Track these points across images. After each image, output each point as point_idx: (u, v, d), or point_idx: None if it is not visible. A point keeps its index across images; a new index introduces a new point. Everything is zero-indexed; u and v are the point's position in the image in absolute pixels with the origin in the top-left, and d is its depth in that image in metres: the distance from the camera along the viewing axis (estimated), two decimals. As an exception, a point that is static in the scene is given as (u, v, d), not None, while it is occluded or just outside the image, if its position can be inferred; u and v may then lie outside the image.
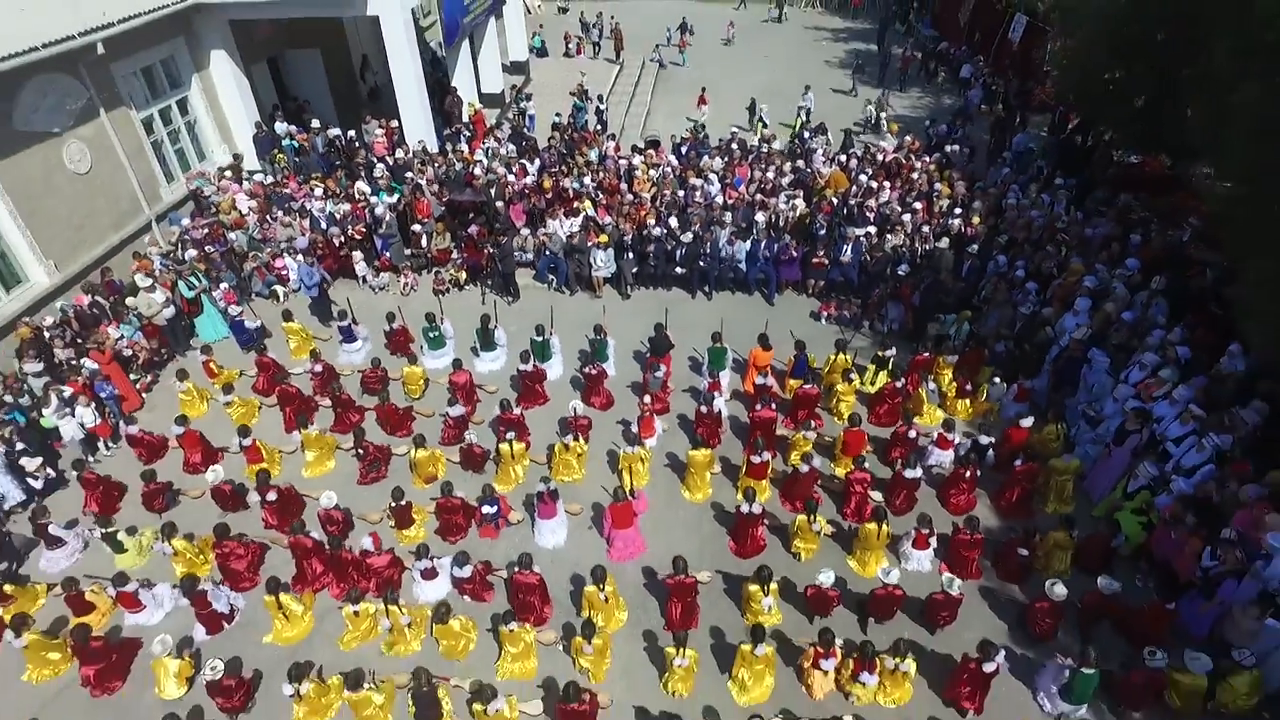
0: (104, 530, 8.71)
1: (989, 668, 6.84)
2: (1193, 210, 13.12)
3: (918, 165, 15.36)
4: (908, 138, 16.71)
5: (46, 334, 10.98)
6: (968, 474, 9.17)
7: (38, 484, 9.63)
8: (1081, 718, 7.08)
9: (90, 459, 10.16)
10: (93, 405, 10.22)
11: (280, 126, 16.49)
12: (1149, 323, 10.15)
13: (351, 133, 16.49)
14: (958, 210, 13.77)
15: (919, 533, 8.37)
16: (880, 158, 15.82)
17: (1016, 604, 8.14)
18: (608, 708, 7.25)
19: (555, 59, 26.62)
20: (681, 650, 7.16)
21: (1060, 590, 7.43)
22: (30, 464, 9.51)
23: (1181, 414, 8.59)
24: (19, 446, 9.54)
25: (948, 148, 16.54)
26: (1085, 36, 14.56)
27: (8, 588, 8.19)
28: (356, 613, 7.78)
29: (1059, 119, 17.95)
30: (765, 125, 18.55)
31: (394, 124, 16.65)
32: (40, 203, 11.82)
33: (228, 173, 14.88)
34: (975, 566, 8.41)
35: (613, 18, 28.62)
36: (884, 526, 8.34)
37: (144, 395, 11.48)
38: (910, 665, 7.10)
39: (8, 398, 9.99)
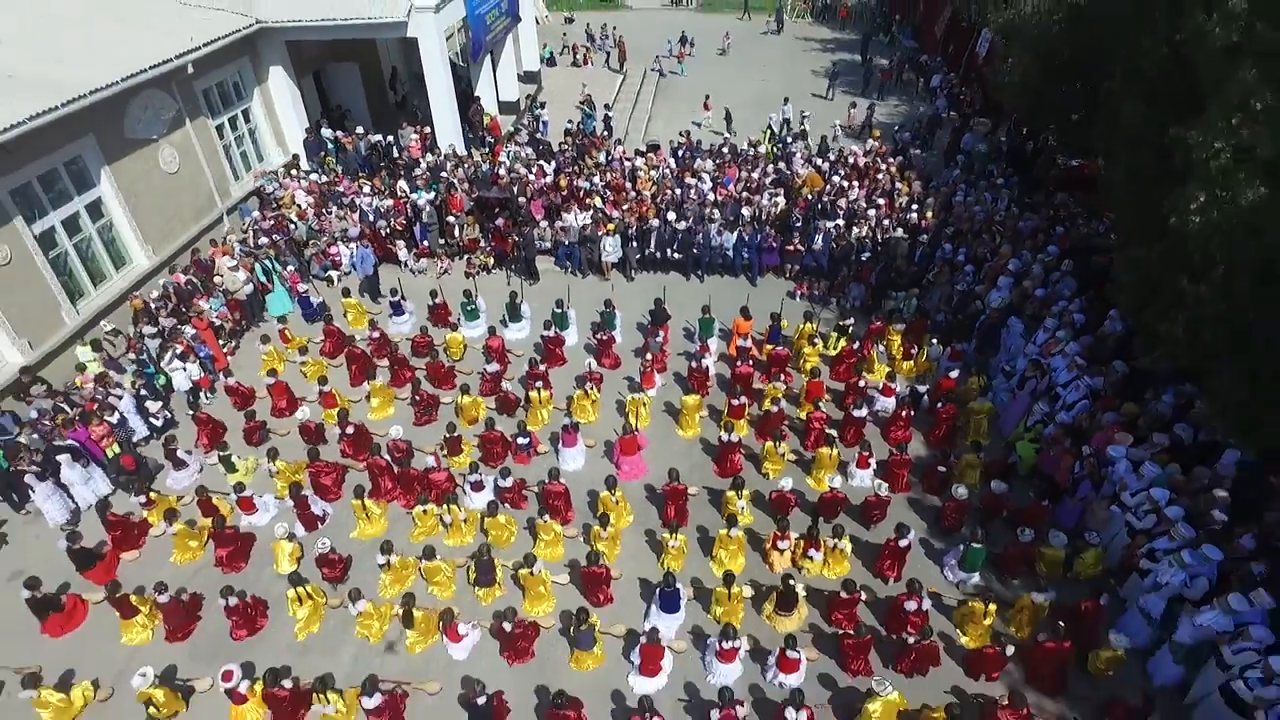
0: (220, 454, 11.05)
1: (904, 543, 9.19)
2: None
3: (883, 167, 17.68)
4: (874, 142, 19.01)
5: (153, 305, 13.33)
6: (904, 414, 11.51)
7: (158, 423, 11.98)
8: (975, 583, 9.40)
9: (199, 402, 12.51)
10: (197, 362, 12.58)
11: (325, 132, 18.85)
12: (1056, 296, 12.47)
13: (390, 138, 18.81)
14: (915, 206, 16.09)
15: (861, 455, 10.73)
16: (851, 160, 18.14)
17: (935, 508, 10.47)
18: (618, 578, 9.59)
19: (563, 68, 28.91)
20: (674, 534, 9.50)
21: (962, 491, 9.79)
22: (153, 406, 11.87)
23: (1069, 364, 10.92)
24: (143, 393, 11.90)
25: (912, 151, 18.89)
26: (1026, 57, 16.82)
27: (152, 494, 10.53)
28: (425, 511, 10.12)
29: (1014, 125, 20.26)
30: (774, 132, 20.74)
31: (427, 130, 18.98)
32: (142, 198, 14.18)
33: (293, 171, 17.21)
34: (905, 481, 10.75)
35: (615, 29, 31.00)
36: (834, 450, 10.70)
37: (229, 357, 13.81)
38: (846, 545, 9.43)
39: (131, 355, 12.36)
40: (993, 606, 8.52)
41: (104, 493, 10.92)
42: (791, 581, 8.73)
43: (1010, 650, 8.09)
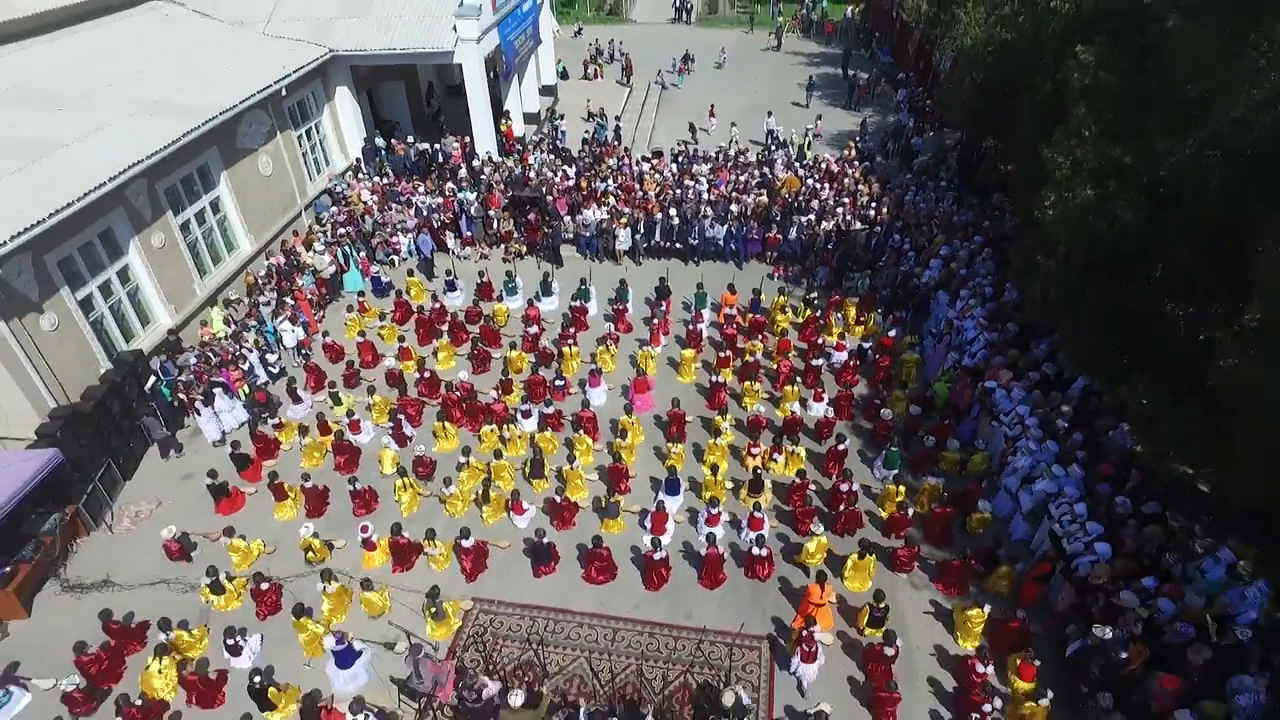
0: (330, 392, 14.52)
1: (842, 447, 12.67)
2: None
3: (850, 172, 21.14)
4: (846, 151, 22.46)
5: (260, 281, 16.78)
6: (853, 363, 14.98)
7: (275, 370, 15.44)
8: (895, 475, 12.79)
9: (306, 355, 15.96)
10: (300, 325, 16.04)
11: (379, 141, 22.29)
12: (974, 274, 15.91)
13: (436, 145, 22.26)
14: (873, 204, 19.52)
15: (816, 392, 14.21)
16: (825, 166, 21.59)
17: (869, 430, 13.92)
18: (634, 476, 13.05)
19: (575, 81, 32.28)
20: (675, 445, 12.95)
21: (887, 413, 13.28)
22: (271, 358, 15.33)
23: (976, 324, 14.39)
24: (263, 347, 15.36)
25: (877, 159, 22.37)
26: (966, 79, 20.22)
27: (282, 419, 14.01)
28: (490, 430, 13.59)
29: (965, 136, 23.69)
30: (775, 139, 24.20)
31: (466, 139, 22.43)
32: (248, 196, 17.64)
33: (359, 174, 20.67)
34: (849, 411, 14.22)
35: (621, 43, 34.40)
36: (796, 388, 14.16)
37: (319, 323, 17.24)
38: (801, 450, 12.89)
39: (251, 321, 15.81)
40: (902, 488, 11.99)
41: (242, 419, 14.36)
42: (759, 473, 12.19)
43: (911, 512, 11.57)
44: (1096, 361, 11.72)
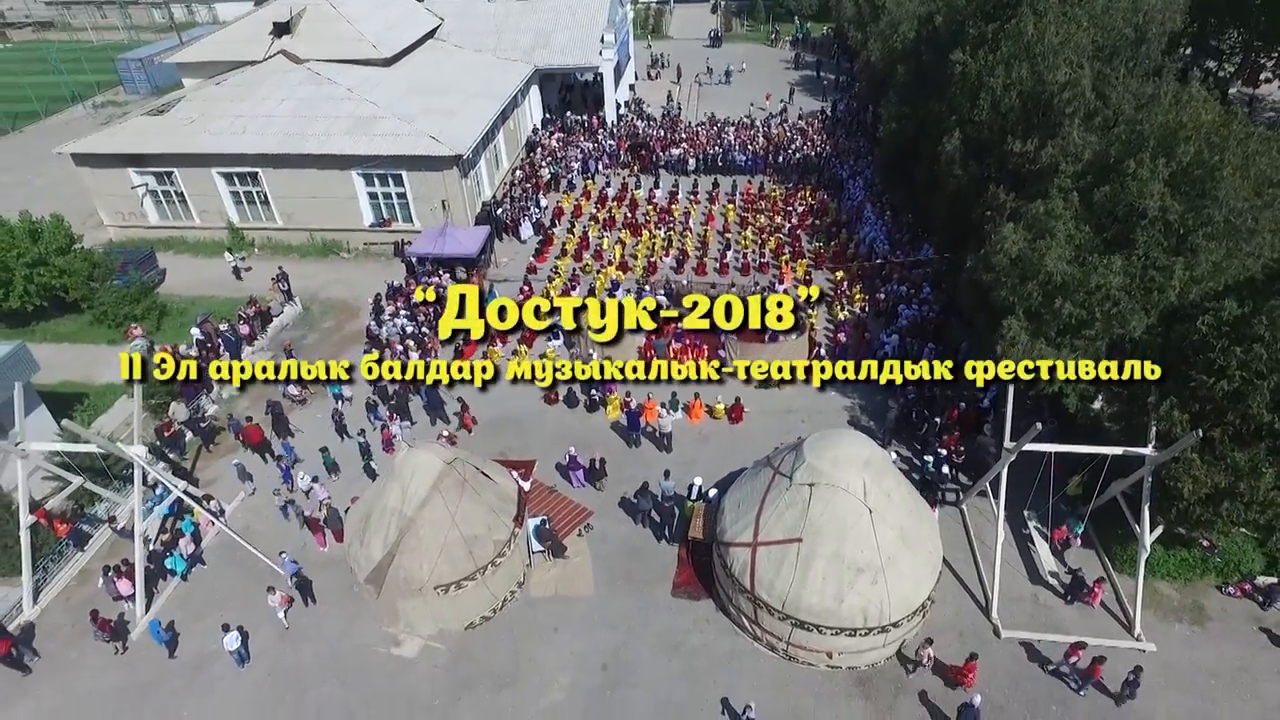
0: (571, 221, 32.35)
1: (799, 233, 30.47)
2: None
3: (811, 129, 38.91)
4: (811, 120, 40.19)
5: (522, 178, 34.67)
6: (806, 211, 32.75)
7: (538, 214, 33.28)
8: (820, 242, 30.43)
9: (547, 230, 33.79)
10: (544, 199, 33.95)
11: (547, 115, 40.10)
12: (863, 170, 33.60)
13: (581, 116, 40.12)
14: (824, 145, 37.17)
15: (789, 218, 31.97)
16: (799, 126, 39.34)
17: (811, 231, 31.65)
18: (709, 243, 30.81)
19: (643, 81, 50.01)
20: (725, 235, 30.73)
21: (818, 223, 31.07)
22: (536, 210, 33.19)
23: (860, 188, 32.15)
24: (532, 207, 33.19)
25: (827, 122, 40.21)
26: (871, 75, 37.85)
27: (553, 232, 31.89)
28: (646, 234, 31.39)
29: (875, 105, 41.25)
30: (763, 110, 42.03)
31: (600, 113, 40.25)
32: (507, 140, 35.54)
33: (542, 132, 38.67)
34: (805, 226, 31.97)
35: (668, 54, 52.16)
36: (780, 219, 31.99)
37: (548, 196, 35.02)
38: (781, 234, 30.65)
39: (511, 209, 33.65)
40: (820, 245, 29.71)
41: (530, 232, 32.11)
42: (764, 242, 29.99)
43: (823, 251, 29.36)
44: (894, 188, 29.52)
